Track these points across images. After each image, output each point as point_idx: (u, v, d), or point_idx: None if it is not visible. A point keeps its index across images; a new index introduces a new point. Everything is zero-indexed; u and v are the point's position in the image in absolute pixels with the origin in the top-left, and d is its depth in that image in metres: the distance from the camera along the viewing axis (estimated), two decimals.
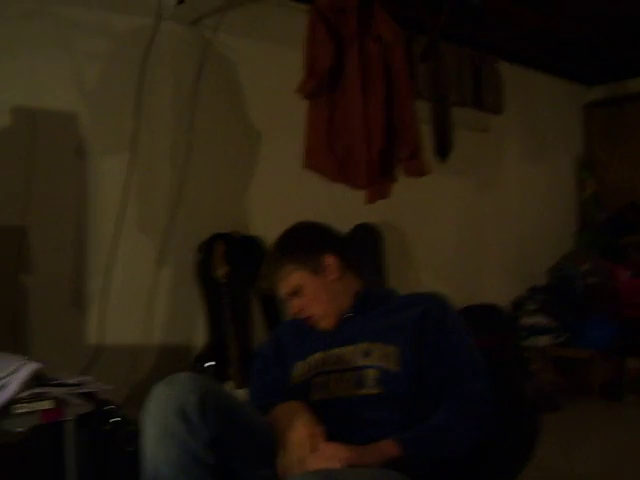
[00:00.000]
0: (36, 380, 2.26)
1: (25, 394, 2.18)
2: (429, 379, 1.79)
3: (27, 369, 2.22)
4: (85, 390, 2.41)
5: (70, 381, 2.40)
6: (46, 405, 2.26)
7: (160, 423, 1.46)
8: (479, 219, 5.12)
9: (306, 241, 1.99)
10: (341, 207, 3.77)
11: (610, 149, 5.99)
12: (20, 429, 2.20)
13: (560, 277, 5.43)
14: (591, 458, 3.56)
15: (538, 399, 4.00)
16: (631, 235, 5.52)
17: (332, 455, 1.54)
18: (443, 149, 3.50)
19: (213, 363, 3.25)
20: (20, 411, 2.16)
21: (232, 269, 3.34)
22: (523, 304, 5.15)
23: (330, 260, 1.94)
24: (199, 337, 3.46)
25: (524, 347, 4.91)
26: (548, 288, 5.43)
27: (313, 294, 1.91)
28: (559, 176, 5.94)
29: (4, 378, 2.17)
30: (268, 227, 3.70)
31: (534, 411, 1.74)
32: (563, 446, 3.33)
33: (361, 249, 4.00)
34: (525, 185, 5.51)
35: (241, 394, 2.63)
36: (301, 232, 2.03)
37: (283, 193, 3.82)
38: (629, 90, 5.87)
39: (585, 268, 5.32)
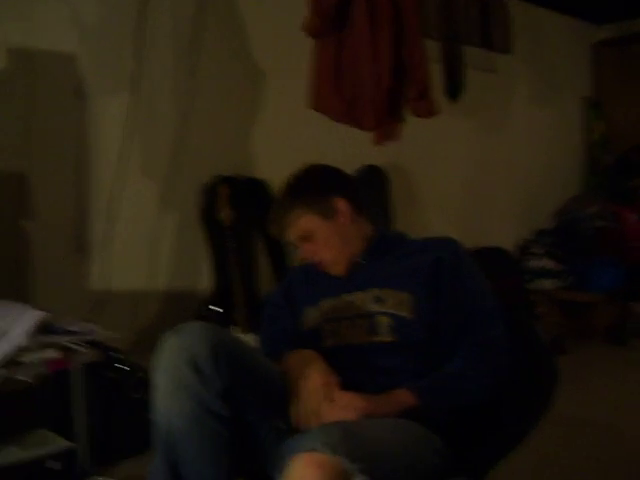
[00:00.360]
0: (42, 329, 2.24)
1: (31, 343, 2.16)
2: (444, 326, 1.75)
3: (32, 317, 2.19)
4: (91, 338, 2.40)
5: (75, 329, 2.38)
6: (53, 354, 2.25)
7: (172, 375, 1.41)
8: (486, 161, 5.06)
9: (316, 184, 1.92)
10: (347, 148, 3.70)
11: (619, 90, 5.89)
12: (28, 379, 2.19)
13: (567, 220, 5.39)
14: (597, 402, 3.57)
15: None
16: (639, 177, 5.45)
17: (348, 405, 1.50)
18: (454, 88, 3.43)
19: (218, 308, 3.23)
20: (27, 360, 2.15)
21: (237, 212, 3.29)
22: (530, 247, 5.12)
23: (341, 204, 1.87)
24: (204, 282, 3.43)
25: (530, 290, 4.90)
26: (555, 231, 5.40)
27: (324, 239, 1.85)
28: (567, 117, 5.87)
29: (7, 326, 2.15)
30: (273, 169, 3.64)
31: (552, 356, 1.70)
32: (569, 390, 3.32)
33: (367, 191, 3.94)
34: (533, 127, 5.43)
35: (248, 339, 2.60)
36: (311, 175, 1.96)
37: (288, 134, 3.75)
38: (639, 28, 5.74)
39: (592, 211, 5.27)
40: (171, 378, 1.41)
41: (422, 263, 1.80)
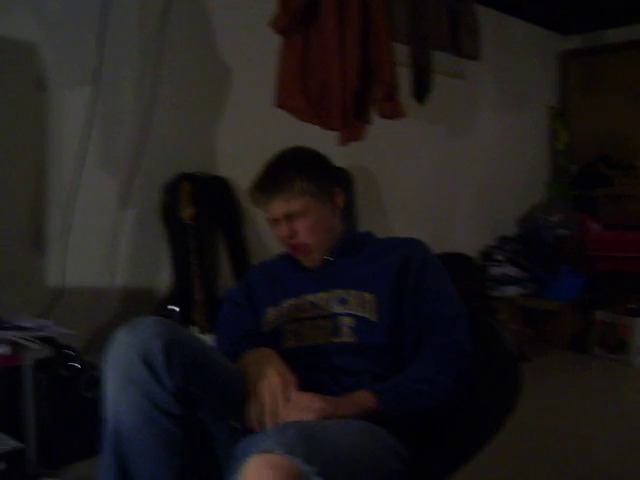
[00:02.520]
0: None
1: None
2: (408, 328, 1.73)
3: None
4: (44, 334, 2.33)
5: (28, 325, 2.32)
6: (2, 349, 2.18)
7: (122, 370, 1.36)
8: (451, 166, 5.05)
9: (327, 169, 1.89)
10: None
11: (585, 100, 5.95)
12: None
13: (530, 228, 5.42)
14: (560, 409, 3.57)
15: None
16: (603, 187, 5.49)
17: (306, 406, 1.46)
18: (421, 91, 3.40)
19: (177, 308, 3.16)
20: None
21: (198, 211, 3.23)
22: (492, 254, 5.12)
23: (340, 196, 1.87)
24: (164, 280, 3.36)
25: (492, 297, 4.90)
26: (518, 238, 5.42)
27: (314, 223, 1.80)
28: (533, 126, 5.89)
29: None
30: (236, 167, 3.61)
31: (517, 361, 1.68)
32: (532, 397, 3.31)
33: None
34: (499, 133, 5.45)
35: (206, 340, 2.55)
36: (322, 158, 1.91)
37: (252, 132, 3.69)
38: (606, 41, 5.81)
39: (555, 219, 5.31)
40: (122, 373, 1.36)
41: (388, 264, 1.79)
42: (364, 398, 1.54)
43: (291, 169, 1.81)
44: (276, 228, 1.83)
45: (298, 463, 1.13)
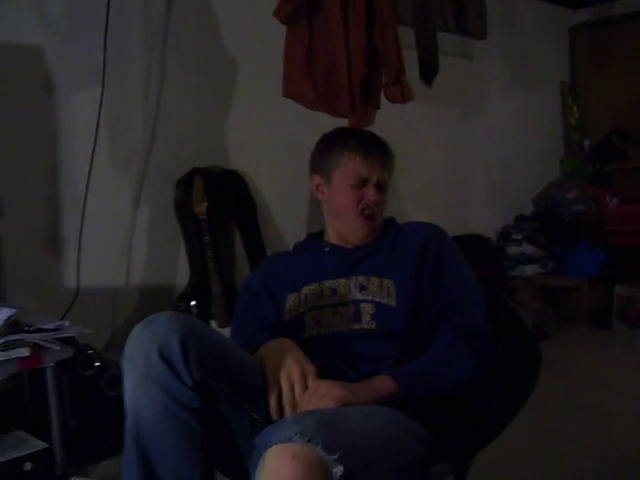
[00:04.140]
0: (11, 327, 2.18)
1: (0, 341, 2.10)
2: (426, 313, 1.73)
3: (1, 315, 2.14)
4: (63, 335, 2.34)
5: (47, 326, 2.32)
6: (23, 352, 2.19)
7: (140, 366, 1.36)
8: (464, 148, 5.03)
9: None
10: None
11: (596, 74, 5.88)
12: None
13: (546, 205, 5.39)
14: (583, 386, 3.55)
15: None
16: (617, 161, 5.45)
17: (325, 394, 1.46)
18: (428, 73, 3.38)
19: (194, 303, 3.18)
20: None
21: (212, 205, 3.24)
22: (509, 233, 5.10)
23: None
24: (181, 276, 3.37)
25: (511, 277, 4.88)
26: (534, 217, 5.40)
27: (386, 199, 1.86)
28: (545, 102, 5.85)
29: None
30: (248, 160, 3.61)
31: (536, 340, 1.67)
32: (554, 375, 3.31)
33: None
34: (510, 112, 5.41)
35: (225, 333, 2.55)
36: None
37: (262, 124, 3.69)
38: (615, 12, 5.74)
39: (571, 196, 5.27)
40: (140, 369, 1.36)
41: (407, 249, 1.79)
42: (383, 383, 1.53)
43: (387, 147, 1.89)
44: (361, 192, 1.82)
45: (318, 451, 1.13)
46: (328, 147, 1.87)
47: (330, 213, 1.90)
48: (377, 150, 1.82)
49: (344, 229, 1.86)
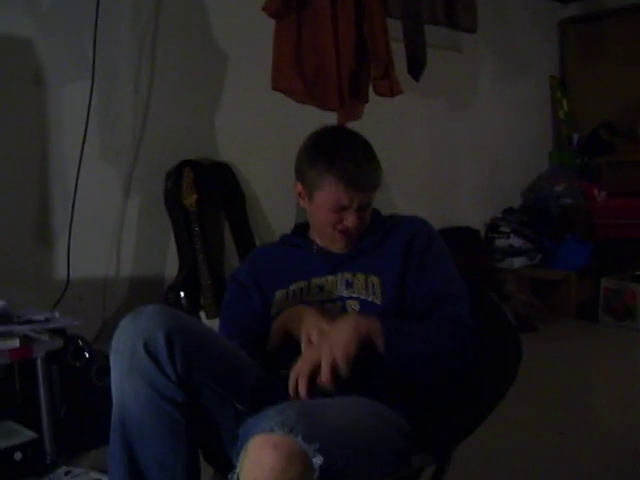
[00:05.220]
0: (1, 318, 2.20)
1: None
2: (412, 309, 1.73)
3: None
4: (53, 326, 2.37)
5: (37, 317, 2.35)
6: (13, 343, 2.21)
7: (126, 359, 1.39)
8: (453, 141, 5.04)
9: None
10: (311, 129, 3.66)
11: (585, 67, 5.89)
12: None
13: (535, 198, 5.41)
14: (569, 378, 3.58)
15: (515, 321, 4.01)
16: (606, 155, 5.47)
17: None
18: (416, 67, 3.39)
19: (184, 294, 3.20)
20: None
21: (202, 197, 3.26)
22: (498, 226, 5.12)
23: None
24: (171, 267, 3.39)
25: (499, 269, 4.91)
26: (523, 209, 5.42)
27: (368, 213, 1.81)
28: (534, 96, 5.85)
29: None
30: (238, 153, 3.63)
31: (517, 334, 1.70)
32: (540, 366, 3.34)
33: None
34: (499, 105, 5.42)
35: (214, 324, 2.58)
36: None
37: (251, 117, 3.70)
38: (605, 6, 5.74)
39: (560, 189, 5.29)
40: (126, 361, 1.39)
41: (393, 245, 1.80)
42: (374, 323, 1.60)
43: (376, 162, 1.80)
44: (341, 215, 1.76)
45: (298, 442, 1.16)
46: (314, 159, 1.78)
47: (311, 221, 1.89)
48: (361, 180, 1.73)
49: (323, 239, 1.85)
